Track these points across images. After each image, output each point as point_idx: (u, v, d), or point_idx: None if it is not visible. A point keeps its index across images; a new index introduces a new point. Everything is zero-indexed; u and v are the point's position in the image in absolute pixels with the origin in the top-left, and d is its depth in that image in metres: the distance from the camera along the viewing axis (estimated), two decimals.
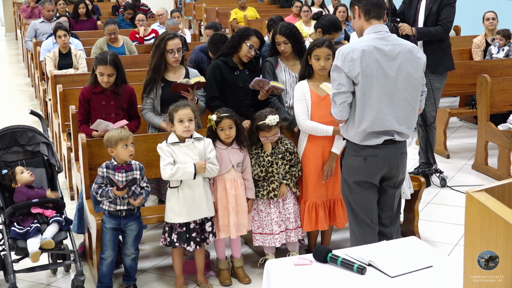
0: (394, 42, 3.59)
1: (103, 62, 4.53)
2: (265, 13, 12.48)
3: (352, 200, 3.76)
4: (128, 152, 4.01)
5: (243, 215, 4.26)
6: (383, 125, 3.55)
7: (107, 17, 11.36)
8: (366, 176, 3.67)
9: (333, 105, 3.59)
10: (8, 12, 18.54)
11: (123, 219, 4.06)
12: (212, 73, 4.73)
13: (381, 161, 3.63)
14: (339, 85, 3.51)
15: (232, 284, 4.32)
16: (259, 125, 4.24)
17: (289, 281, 2.74)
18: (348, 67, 3.46)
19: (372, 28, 3.58)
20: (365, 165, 3.63)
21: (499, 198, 1.92)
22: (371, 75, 3.47)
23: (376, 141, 3.58)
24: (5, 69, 13.55)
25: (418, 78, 3.65)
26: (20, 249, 4.00)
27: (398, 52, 3.55)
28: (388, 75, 3.51)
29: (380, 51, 3.50)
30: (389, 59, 3.52)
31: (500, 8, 9.40)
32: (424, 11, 5.88)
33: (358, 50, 3.46)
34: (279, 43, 4.75)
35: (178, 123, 4.03)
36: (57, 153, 4.60)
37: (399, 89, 3.55)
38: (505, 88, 6.48)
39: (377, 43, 3.51)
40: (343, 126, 3.70)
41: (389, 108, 3.54)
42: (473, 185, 5.94)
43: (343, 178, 3.80)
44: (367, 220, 3.75)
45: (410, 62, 3.59)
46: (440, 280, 2.67)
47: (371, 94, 3.50)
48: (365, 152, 3.61)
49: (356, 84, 3.49)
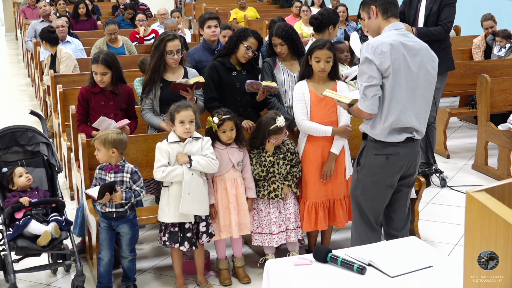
0: (415, 39, 3.62)
1: (94, 61, 4.55)
2: (265, 13, 12.48)
3: (364, 200, 3.72)
4: (98, 155, 4.03)
5: (245, 214, 4.26)
6: (406, 121, 3.55)
7: (107, 17, 11.35)
8: (387, 175, 3.65)
9: (362, 100, 3.50)
10: (8, 12, 18.55)
11: (114, 220, 4.06)
12: (209, 74, 4.73)
13: (402, 159, 3.62)
14: (370, 77, 3.47)
15: (232, 284, 4.32)
16: (271, 129, 4.23)
17: (289, 281, 2.74)
18: (379, 59, 3.45)
19: (392, 25, 3.61)
20: (387, 164, 3.61)
21: (499, 198, 1.91)
22: (399, 68, 3.48)
23: (398, 138, 3.57)
24: (5, 69, 13.55)
25: (435, 76, 3.67)
26: (21, 249, 3.99)
27: (419, 48, 3.57)
28: (412, 70, 3.53)
29: (405, 46, 3.52)
30: (412, 54, 3.53)
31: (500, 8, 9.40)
32: (424, 11, 5.88)
33: (387, 43, 3.47)
34: (276, 44, 4.74)
35: (179, 124, 4.03)
36: (57, 153, 4.60)
37: (420, 86, 3.57)
38: (505, 88, 6.48)
39: (401, 38, 3.54)
40: (366, 123, 3.64)
41: (410, 104, 3.55)
42: (473, 185, 5.94)
43: (358, 178, 3.74)
44: (373, 222, 3.74)
45: (429, 60, 3.61)
46: (440, 280, 2.67)
47: (398, 89, 3.49)
48: (387, 151, 3.59)
49: (386, 77, 3.48)
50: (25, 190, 4.22)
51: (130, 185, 4.03)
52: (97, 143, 4.03)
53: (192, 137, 4.08)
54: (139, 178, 4.07)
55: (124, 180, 4.02)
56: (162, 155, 4.03)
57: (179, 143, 4.06)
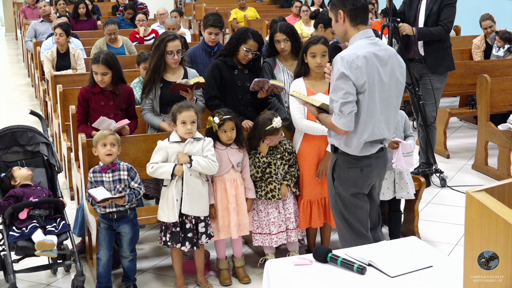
0: (384, 46, 3.50)
1: (95, 61, 4.54)
2: (265, 13, 12.49)
3: (348, 214, 3.62)
4: (106, 151, 4.00)
5: (244, 215, 4.26)
6: (379, 134, 3.46)
7: (107, 17, 11.35)
8: (363, 186, 3.57)
9: (338, 116, 3.33)
10: (8, 12, 18.54)
11: (115, 221, 4.06)
12: (211, 72, 4.74)
13: (374, 170, 3.55)
14: (347, 93, 3.31)
15: (232, 284, 4.32)
16: (267, 130, 4.23)
17: (289, 281, 2.74)
18: (355, 75, 3.31)
19: (362, 33, 3.46)
20: (362, 176, 3.53)
21: (499, 198, 1.91)
22: (373, 82, 3.36)
23: (371, 150, 3.49)
24: (5, 69, 13.55)
25: (403, 83, 3.56)
26: (20, 249, 3.99)
27: (388, 57, 3.46)
28: (384, 81, 3.42)
29: (377, 57, 3.39)
30: (383, 64, 3.42)
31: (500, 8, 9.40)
32: (424, 11, 5.89)
33: (361, 57, 3.33)
34: (279, 41, 4.74)
35: (180, 124, 4.03)
36: (57, 153, 4.60)
37: (390, 95, 3.48)
38: (505, 88, 6.48)
39: (373, 48, 3.41)
40: (339, 139, 3.50)
41: (383, 115, 3.45)
42: (473, 185, 5.94)
43: (337, 193, 3.62)
44: (363, 230, 3.66)
45: (397, 67, 3.50)
46: (440, 280, 2.67)
47: (373, 102, 3.39)
48: (361, 163, 3.50)
49: (361, 92, 3.34)
50: (27, 185, 4.21)
51: (128, 183, 4.03)
52: (113, 139, 4.03)
53: (193, 138, 4.08)
54: (135, 174, 4.07)
55: (122, 178, 4.02)
56: (158, 153, 4.06)
57: (179, 143, 4.06)
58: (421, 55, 5.95)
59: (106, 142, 4.01)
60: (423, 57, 5.93)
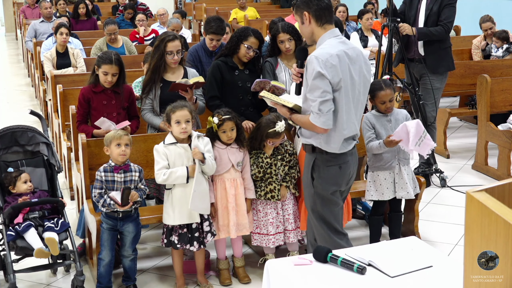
0: (351, 45, 3.54)
1: (108, 61, 4.54)
2: (265, 13, 12.48)
3: (325, 212, 3.63)
4: (120, 151, 4.00)
5: (243, 215, 4.26)
6: (354, 130, 3.52)
7: (107, 17, 11.35)
8: (341, 183, 3.60)
9: (317, 115, 3.36)
10: (8, 12, 18.54)
11: (120, 220, 4.06)
12: (212, 72, 4.75)
13: (351, 166, 3.60)
14: (324, 92, 3.34)
15: (232, 284, 4.33)
16: (269, 132, 4.22)
17: (289, 281, 2.74)
18: (331, 73, 3.35)
19: (330, 33, 3.49)
20: (341, 173, 3.56)
21: (499, 198, 1.91)
22: (346, 80, 3.41)
23: (348, 147, 3.53)
24: (5, 69, 13.55)
25: (369, 80, 3.62)
26: (20, 249, 3.99)
27: (356, 55, 3.50)
28: (354, 79, 3.46)
29: (347, 56, 3.43)
30: (353, 63, 3.46)
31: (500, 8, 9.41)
32: (424, 11, 5.88)
33: (335, 56, 3.37)
34: (283, 41, 4.75)
35: (175, 124, 4.03)
36: (57, 153, 4.60)
37: (359, 92, 3.52)
38: (505, 88, 6.49)
39: (343, 47, 3.45)
40: (317, 138, 3.51)
41: (353, 111, 3.50)
42: (473, 185, 5.94)
43: (315, 192, 3.61)
44: (339, 228, 3.68)
45: (363, 65, 3.55)
46: (440, 280, 2.67)
47: (347, 100, 3.44)
48: (339, 160, 3.53)
49: (337, 90, 3.38)
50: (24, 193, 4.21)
51: (137, 184, 4.04)
52: (127, 140, 4.04)
53: (198, 135, 4.09)
54: (143, 177, 4.12)
55: (133, 179, 4.04)
56: (161, 157, 4.03)
57: (176, 144, 4.05)
58: (421, 55, 5.95)
59: (120, 143, 4.00)
60: (423, 57, 5.93)
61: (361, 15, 8.44)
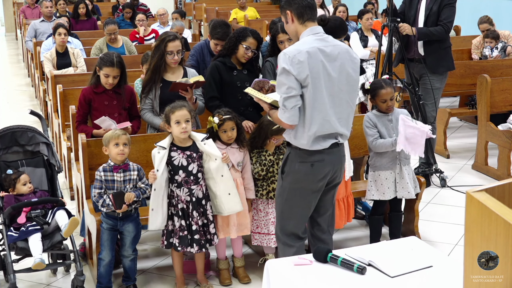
0: (333, 43, 3.53)
1: (110, 64, 4.53)
2: (265, 13, 12.48)
3: (287, 208, 3.63)
4: (118, 151, 4.00)
5: (244, 215, 4.26)
6: (330, 128, 3.47)
7: (107, 17, 11.36)
8: (312, 182, 3.56)
9: (282, 111, 3.39)
10: (8, 12, 18.54)
11: (120, 220, 4.06)
12: (210, 73, 4.75)
13: (327, 166, 3.54)
14: (289, 88, 3.35)
15: (232, 284, 4.33)
16: (273, 130, 4.22)
17: (289, 281, 2.74)
18: (297, 69, 3.35)
19: (310, 30, 3.50)
20: (312, 171, 3.52)
21: (499, 198, 1.91)
22: (318, 77, 3.39)
23: (324, 145, 3.49)
24: (5, 69, 13.55)
25: (356, 79, 3.59)
26: (20, 249, 3.99)
27: (338, 52, 3.48)
28: (331, 76, 3.44)
29: (323, 52, 3.43)
30: (331, 60, 3.45)
31: (500, 8, 9.41)
32: (424, 11, 5.89)
33: (304, 52, 3.37)
34: (283, 41, 4.75)
35: (175, 124, 4.02)
36: (57, 153, 4.60)
37: (341, 90, 3.49)
38: (505, 88, 6.49)
39: (319, 44, 3.44)
40: (289, 133, 3.53)
41: (332, 110, 3.46)
42: (473, 185, 5.94)
43: (283, 186, 3.61)
44: (297, 231, 3.67)
45: (349, 63, 3.53)
46: (440, 280, 2.67)
47: (319, 96, 3.41)
48: (313, 158, 3.50)
49: (305, 86, 3.38)
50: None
51: (136, 183, 4.05)
52: (126, 139, 4.03)
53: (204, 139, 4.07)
54: (143, 175, 4.10)
55: (132, 178, 4.04)
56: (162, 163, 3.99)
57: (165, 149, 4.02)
58: (421, 55, 5.95)
59: (119, 142, 4.00)
60: (423, 57, 5.93)
61: (361, 15, 8.44)
